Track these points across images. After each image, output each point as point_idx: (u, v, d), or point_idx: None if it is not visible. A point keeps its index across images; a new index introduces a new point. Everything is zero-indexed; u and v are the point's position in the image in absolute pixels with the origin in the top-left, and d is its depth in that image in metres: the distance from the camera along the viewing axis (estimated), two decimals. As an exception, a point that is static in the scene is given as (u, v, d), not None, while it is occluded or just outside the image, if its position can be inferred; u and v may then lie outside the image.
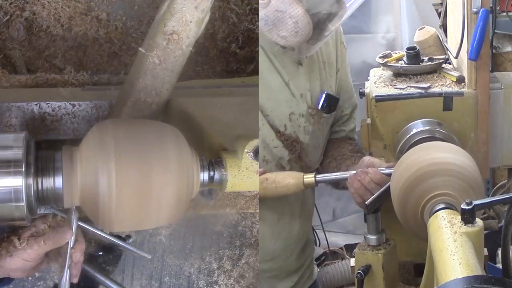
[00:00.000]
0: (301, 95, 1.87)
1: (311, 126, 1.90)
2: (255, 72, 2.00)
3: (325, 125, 1.96)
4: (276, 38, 1.73)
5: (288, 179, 1.78)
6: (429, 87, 2.00)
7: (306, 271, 2.06)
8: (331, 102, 1.92)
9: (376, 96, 1.99)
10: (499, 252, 2.01)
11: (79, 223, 1.48)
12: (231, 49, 2.23)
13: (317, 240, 3.53)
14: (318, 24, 1.72)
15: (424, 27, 2.35)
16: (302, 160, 1.90)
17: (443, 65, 2.14)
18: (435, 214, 1.46)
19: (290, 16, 1.68)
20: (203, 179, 1.51)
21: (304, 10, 1.68)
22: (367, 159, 1.81)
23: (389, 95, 1.99)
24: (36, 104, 1.75)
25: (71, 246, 1.46)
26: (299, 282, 2.03)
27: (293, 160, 1.88)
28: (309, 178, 1.77)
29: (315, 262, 2.20)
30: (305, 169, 1.90)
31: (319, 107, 1.90)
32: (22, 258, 1.45)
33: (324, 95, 1.91)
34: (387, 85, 2.07)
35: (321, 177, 1.78)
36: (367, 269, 1.72)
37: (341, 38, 2.03)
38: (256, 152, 1.55)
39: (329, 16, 1.73)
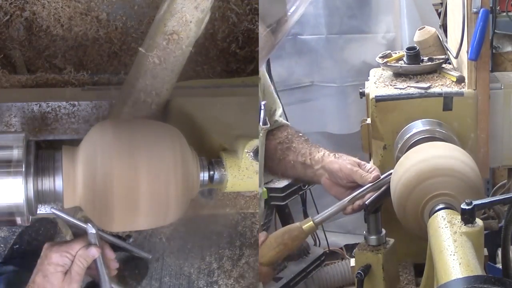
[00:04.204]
0: None
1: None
2: (255, 72, 2.00)
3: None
4: None
5: (295, 241, 1.72)
6: (429, 87, 2.00)
7: None
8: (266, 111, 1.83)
9: (376, 96, 1.99)
10: (499, 252, 2.01)
11: (80, 223, 1.48)
12: (231, 49, 2.22)
13: (317, 240, 3.54)
14: (275, 34, 1.61)
15: (424, 27, 2.35)
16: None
17: (443, 65, 2.14)
18: (435, 214, 1.46)
19: None
20: (203, 179, 1.51)
21: (263, 27, 1.55)
22: (345, 162, 1.76)
23: (389, 95, 1.99)
24: (36, 104, 1.75)
25: (102, 261, 1.47)
26: None
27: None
28: (308, 225, 1.71)
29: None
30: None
31: (261, 122, 1.79)
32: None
33: (262, 107, 1.79)
34: (387, 85, 2.07)
35: (318, 218, 1.73)
36: (367, 269, 1.72)
37: None
38: (256, 152, 1.55)
39: (279, 27, 1.64)
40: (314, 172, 1.84)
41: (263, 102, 1.81)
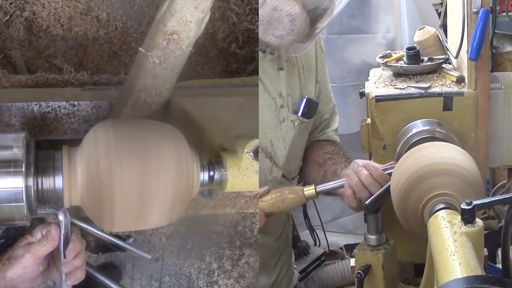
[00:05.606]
0: (282, 101, 1.85)
1: (292, 133, 1.88)
2: (255, 72, 2.00)
3: (305, 131, 1.94)
4: (271, 38, 1.71)
5: (293, 197, 1.75)
6: (429, 87, 2.00)
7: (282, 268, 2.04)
8: (311, 107, 1.90)
9: (376, 96, 1.99)
10: (499, 252, 2.01)
11: (80, 223, 1.48)
12: (231, 49, 2.23)
13: (317, 240, 3.54)
14: (312, 22, 1.71)
15: (424, 27, 2.35)
16: (280, 168, 1.88)
17: (443, 65, 2.14)
18: (435, 214, 1.46)
19: (287, 14, 1.66)
20: (203, 179, 1.51)
21: (301, 7, 1.66)
22: (361, 161, 1.79)
23: (389, 95, 1.99)
24: (36, 104, 1.75)
25: (62, 244, 1.46)
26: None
27: (271, 169, 1.85)
28: (310, 190, 1.76)
29: (295, 267, 2.18)
30: (284, 178, 1.89)
31: (300, 113, 1.87)
32: (22, 265, 1.46)
33: (304, 100, 1.88)
34: (387, 85, 2.07)
35: (321, 187, 1.77)
36: (367, 269, 1.72)
37: (320, 43, 2.02)
38: (256, 152, 1.55)
39: (322, 12, 1.71)
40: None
41: (305, 97, 1.89)
